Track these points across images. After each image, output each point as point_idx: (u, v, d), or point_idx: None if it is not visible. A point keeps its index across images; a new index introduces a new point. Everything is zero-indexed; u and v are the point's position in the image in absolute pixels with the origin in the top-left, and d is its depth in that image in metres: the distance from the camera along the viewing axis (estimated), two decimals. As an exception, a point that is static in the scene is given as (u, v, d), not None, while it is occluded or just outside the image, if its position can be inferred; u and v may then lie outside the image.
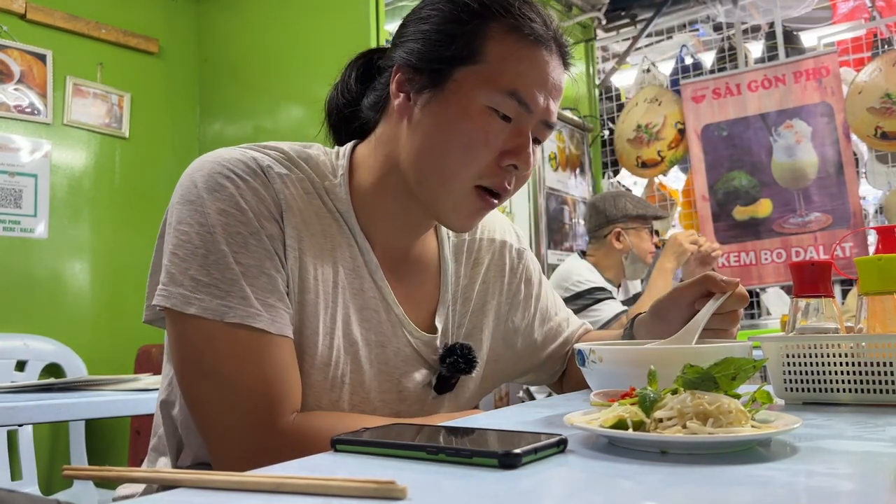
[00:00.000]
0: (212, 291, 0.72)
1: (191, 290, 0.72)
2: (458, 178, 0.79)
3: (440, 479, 0.50)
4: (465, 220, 0.83)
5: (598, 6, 3.81)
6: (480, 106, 0.78)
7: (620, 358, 0.77)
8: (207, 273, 0.73)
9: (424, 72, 0.80)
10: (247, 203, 0.75)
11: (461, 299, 0.95)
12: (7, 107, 2.58)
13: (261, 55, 2.96)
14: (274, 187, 0.78)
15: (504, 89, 0.77)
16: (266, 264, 0.75)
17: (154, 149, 3.02)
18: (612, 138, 3.81)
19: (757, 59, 3.56)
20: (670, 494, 0.45)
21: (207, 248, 0.73)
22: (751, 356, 0.74)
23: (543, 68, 0.80)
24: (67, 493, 2.45)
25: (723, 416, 0.55)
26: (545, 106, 0.80)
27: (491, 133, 0.78)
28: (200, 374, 0.74)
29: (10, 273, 2.49)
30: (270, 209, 0.77)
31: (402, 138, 0.83)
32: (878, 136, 3.04)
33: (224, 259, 0.73)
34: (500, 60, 0.78)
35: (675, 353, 0.77)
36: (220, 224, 0.74)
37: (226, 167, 0.77)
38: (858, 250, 3.04)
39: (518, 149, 0.79)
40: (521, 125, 0.80)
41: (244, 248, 0.74)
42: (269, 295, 0.74)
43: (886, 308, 0.84)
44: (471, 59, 0.78)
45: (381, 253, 0.86)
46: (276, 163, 0.80)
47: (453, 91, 0.79)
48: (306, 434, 0.72)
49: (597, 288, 2.41)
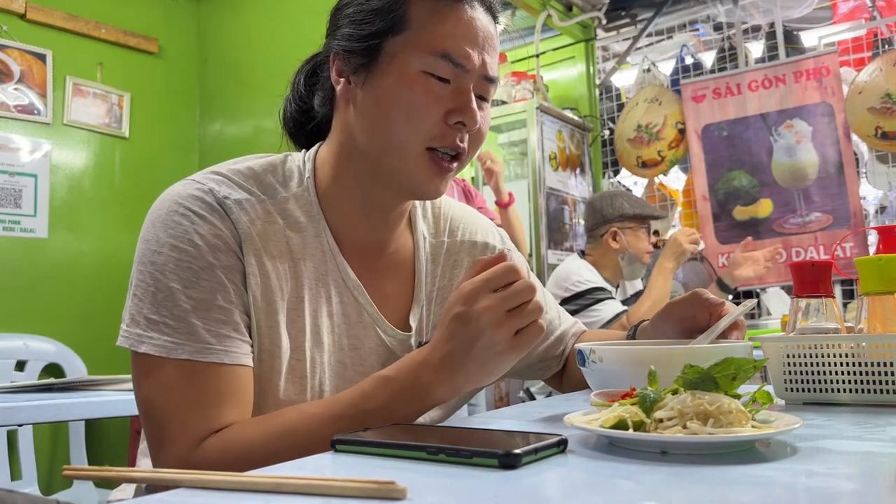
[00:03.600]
0: (161, 329, 0.74)
1: (144, 328, 0.75)
2: (408, 144, 0.81)
3: (440, 479, 0.50)
4: (428, 185, 0.83)
5: (598, 6, 3.81)
6: (416, 71, 0.79)
7: (621, 358, 0.77)
8: (157, 311, 0.75)
9: (357, 52, 0.82)
10: (201, 238, 0.77)
11: (437, 299, 0.95)
12: (7, 107, 2.58)
13: (261, 55, 2.96)
14: (231, 218, 0.79)
15: (434, 52, 0.79)
16: (218, 297, 0.76)
17: (154, 149, 3.02)
18: (612, 138, 3.81)
19: (757, 59, 3.56)
20: (670, 494, 0.45)
21: (157, 287, 0.76)
22: (751, 356, 0.74)
23: (468, 24, 0.81)
24: (67, 493, 2.45)
25: (723, 416, 0.55)
26: (480, 61, 0.81)
27: (431, 96, 0.79)
28: (148, 412, 0.76)
29: (10, 273, 2.49)
30: (228, 242, 0.78)
31: (352, 122, 0.84)
32: (878, 136, 3.04)
33: (172, 296, 0.75)
34: (425, 24, 0.80)
35: (675, 352, 0.77)
36: (172, 261, 0.76)
37: (182, 205, 0.79)
38: (858, 250, 3.04)
39: (462, 106, 0.80)
40: (460, 84, 0.81)
41: (195, 284, 0.76)
42: (221, 326, 0.76)
43: (886, 308, 0.84)
44: (397, 29, 0.80)
45: (353, 252, 0.87)
46: (235, 188, 0.82)
47: (387, 63, 0.80)
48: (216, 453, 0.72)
49: (596, 288, 2.40)
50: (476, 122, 0.81)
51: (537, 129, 3.26)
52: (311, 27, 2.76)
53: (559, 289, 2.40)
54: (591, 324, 2.30)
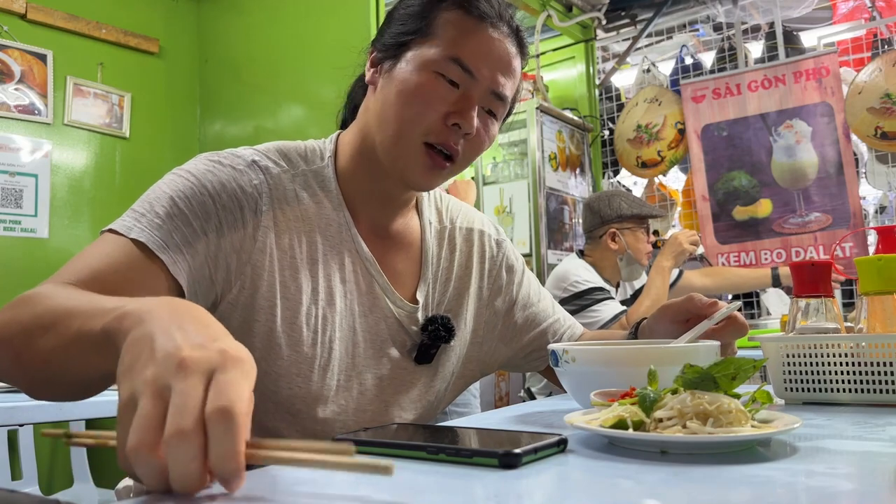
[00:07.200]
0: (133, 214, 0.77)
1: (124, 217, 0.78)
2: (406, 133, 0.86)
3: (440, 479, 0.50)
4: (420, 177, 0.89)
5: (598, 6, 3.81)
6: (428, 70, 0.86)
7: (593, 358, 0.77)
8: (140, 204, 0.79)
9: (388, 47, 0.91)
10: (214, 177, 0.82)
11: (442, 279, 1.00)
12: (7, 107, 2.58)
13: (261, 55, 2.96)
14: (257, 176, 0.85)
15: (448, 55, 0.86)
16: (194, 223, 0.78)
17: (154, 149, 3.02)
18: (612, 138, 3.81)
19: (757, 59, 3.56)
20: (670, 494, 0.45)
21: (153, 191, 0.80)
22: (718, 356, 0.74)
23: (488, 41, 0.88)
24: (68, 492, 2.45)
25: (723, 416, 0.55)
26: (490, 75, 0.88)
27: (436, 94, 0.86)
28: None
29: (10, 273, 2.49)
30: (240, 191, 0.83)
31: (370, 108, 0.92)
32: (878, 136, 3.04)
33: (160, 198, 0.79)
34: (448, 32, 0.87)
35: (648, 352, 0.77)
36: (179, 180, 0.81)
37: (211, 157, 0.86)
38: (858, 250, 3.04)
39: (462, 110, 0.86)
40: (466, 90, 0.87)
41: (186, 200, 0.79)
42: (178, 236, 0.77)
43: (886, 308, 0.84)
44: (424, 33, 0.88)
45: (366, 228, 0.94)
46: (264, 157, 0.89)
47: (407, 60, 0.88)
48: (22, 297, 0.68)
49: (596, 288, 2.40)
50: (471, 128, 0.87)
51: (537, 130, 3.26)
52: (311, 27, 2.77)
53: (558, 289, 2.40)
54: (591, 324, 2.30)
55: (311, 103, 2.79)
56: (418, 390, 0.95)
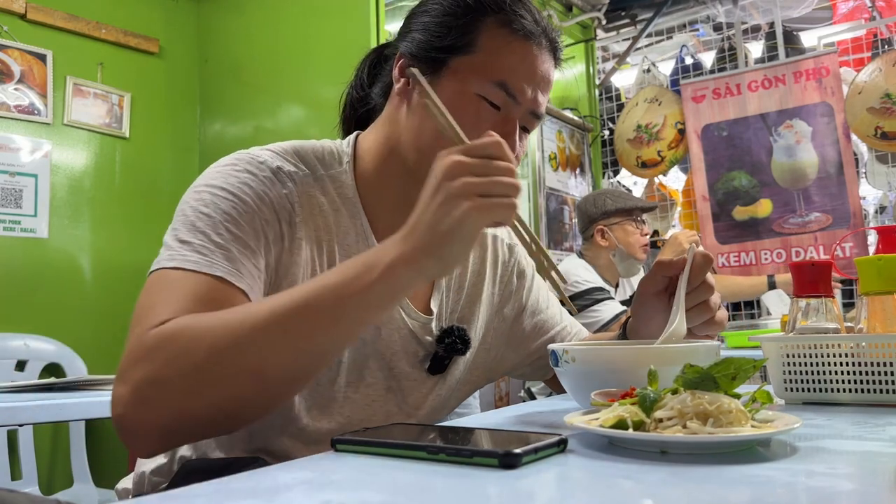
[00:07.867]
0: (193, 247, 0.74)
1: (175, 249, 0.74)
2: None
3: (440, 479, 0.50)
4: None
5: (598, 6, 3.81)
6: (471, 93, 0.84)
7: (594, 358, 0.77)
8: (194, 235, 0.75)
9: (423, 59, 0.86)
10: (251, 189, 0.80)
11: (455, 287, 0.99)
12: (7, 107, 2.58)
13: (261, 55, 2.96)
14: (283, 185, 0.83)
15: (494, 79, 0.83)
16: (250, 242, 0.77)
17: (154, 149, 3.02)
18: (612, 138, 3.81)
19: (757, 59, 3.56)
20: (670, 494, 0.45)
21: (197, 216, 0.76)
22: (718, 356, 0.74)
23: (532, 62, 0.85)
24: (68, 492, 2.45)
25: (723, 416, 0.55)
26: (532, 97, 0.86)
27: (480, 118, 0.83)
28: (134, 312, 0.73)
29: (10, 273, 2.49)
30: (273, 202, 0.81)
31: (402, 120, 0.89)
32: (878, 136, 3.04)
33: (213, 225, 0.75)
34: (492, 52, 0.84)
35: (648, 352, 0.77)
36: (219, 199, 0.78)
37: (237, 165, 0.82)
38: (858, 250, 3.04)
39: (504, 135, 0.83)
40: (508, 113, 0.85)
41: (236, 222, 0.77)
42: (245, 261, 0.76)
43: (886, 308, 0.84)
44: (465, 50, 0.84)
45: (383, 237, 0.88)
46: (286, 161, 0.86)
47: (448, 78, 0.85)
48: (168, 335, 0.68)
49: (595, 288, 2.40)
50: (514, 151, 0.85)
51: (537, 130, 3.27)
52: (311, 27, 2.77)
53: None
54: (591, 324, 2.30)
55: (312, 103, 2.78)
56: (425, 398, 0.94)
